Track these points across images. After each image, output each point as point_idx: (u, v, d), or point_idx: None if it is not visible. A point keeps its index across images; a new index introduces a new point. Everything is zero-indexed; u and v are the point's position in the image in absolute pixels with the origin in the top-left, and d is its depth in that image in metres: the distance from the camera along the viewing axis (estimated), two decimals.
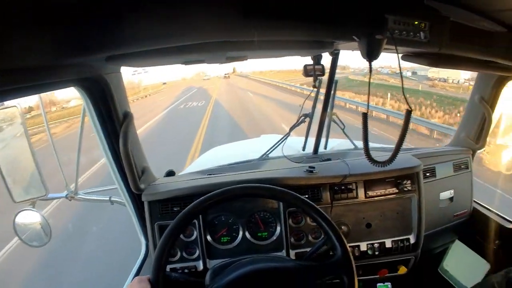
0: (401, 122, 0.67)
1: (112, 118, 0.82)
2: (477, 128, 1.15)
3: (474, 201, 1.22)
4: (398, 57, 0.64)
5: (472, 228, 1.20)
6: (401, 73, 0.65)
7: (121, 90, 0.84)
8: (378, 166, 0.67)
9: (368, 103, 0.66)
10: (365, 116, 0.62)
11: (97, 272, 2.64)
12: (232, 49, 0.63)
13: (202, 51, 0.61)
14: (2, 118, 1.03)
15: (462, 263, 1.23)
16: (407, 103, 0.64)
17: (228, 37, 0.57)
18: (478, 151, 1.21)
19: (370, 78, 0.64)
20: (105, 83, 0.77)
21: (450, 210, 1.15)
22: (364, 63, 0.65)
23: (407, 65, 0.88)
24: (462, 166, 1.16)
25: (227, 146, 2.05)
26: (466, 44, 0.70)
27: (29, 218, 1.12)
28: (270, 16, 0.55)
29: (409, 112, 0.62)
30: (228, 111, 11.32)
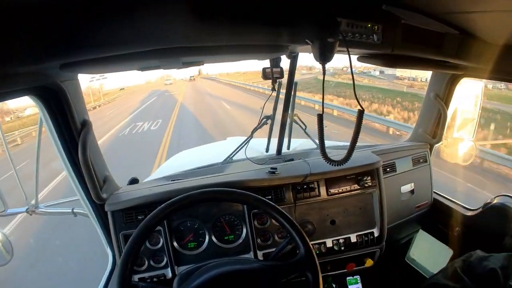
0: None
1: (70, 127, 0.80)
2: (433, 124, 1.22)
3: (435, 192, 1.29)
4: (350, 58, 0.66)
5: (434, 217, 1.27)
6: (352, 73, 0.67)
7: (78, 98, 0.83)
8: (334, 165, 0.69)
9: (323, 104, 0.68)
10: (320, 117, 0.65)
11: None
12: (187, 54, 0.64)
13: (157, 57, 0.61)
14: None
15: (427, 251, 1.30)
16: (359, 104, 0.66)
17: (182, 43, 0.57)
18: (436, 145, 1.28)
19: (324, 79, 0.66)
20: (61, 91, 0.75)
21: (411, 202, 1.21)
22: (331, 64, 0.67)
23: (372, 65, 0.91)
24: (421, 160, 1.23)
25: (193, 150, 2.04)
26: (418, 45, 0.73)
27: None
28: (225, 21, 0.56)
29: (361, 112, 0.65)
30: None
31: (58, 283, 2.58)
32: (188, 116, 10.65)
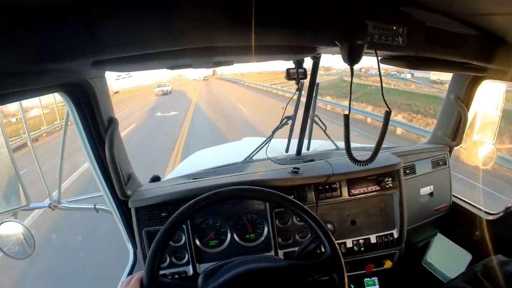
0: None
1: (97, 124, 0.82)
2: (453, 126, 1.22)
3: (453, 195, 1.28)
4: (378, 60, 0.68)
5: (453, 221, 1.27)
6: (380, 74, 0.69)
7: (105, 95, 0.85)
8: (360, 165, 0.70)
9: (350, 104, 0.69)
10: (346, 117, 0.66)
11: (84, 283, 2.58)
12: (219, 54, 0.65)
13: (189, 56, 0.63)
14: None
15: (445, 255, 1.29)
16: (386, 105, 0.67)
17: (215, 43, 0.59)
18: (455, 148, 1.27)
19: (351, 81, 0.67)
20: (90, 88, 0.77)
21: (430, 205, 1.21)
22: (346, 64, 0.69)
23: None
24: (440, 163, 1.23)
25: (210, 150, 2.06)
26: (441, 47, 0.74)
27: (11, 229, 1.10)
28: (256, 23, 0.57)
29: (388, 113, 0.66)
30: None
31: (79, 279, 2.64)
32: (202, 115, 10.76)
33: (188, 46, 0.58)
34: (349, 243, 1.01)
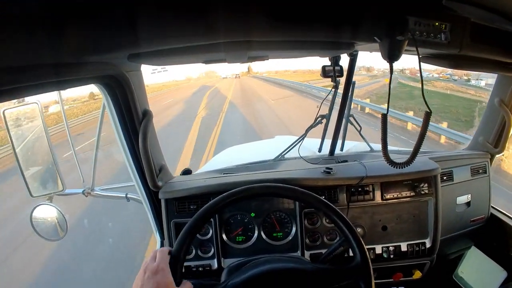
0: None
1: (132, 116, 0.85)
2: (496, 132, 1.15)
3: (492, 207, 1.22)
4: (419, 58, 0.65)
5: (489, 234, 1.20)
6: (421, 74, 0.66)
7: (141, 88, 0.88)
8: (397, 168, 0.68)
9: (388, 104, 0.67)
10: (384, 117, 0.64)
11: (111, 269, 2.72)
12: (254, 48, 0.65)
13: (224, 50, 0.63)
14: (23, 114, 1.08)
15: (478, 270, 1.23)
16: (427, 105, 0.64)
17: (251, 37, 0.59)
18: (497, 156, 1.21)
19: (390, 80, 0.65)
20: (126, 80, 0.80)
21: (466, 215, 1.16)
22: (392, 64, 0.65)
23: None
24: (480, 171, 1.17)
25: (241, 146, 2.09)
26: (487, 45, 0.70)
27: (46, 212, 1.17)
28: (293, 17, 0.57)
29: (428, 114, 0.63)
30: None
31: (105, 264, 2.80)
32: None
33: (223, 40, 0.58)
34: (378, 249, 0.99)
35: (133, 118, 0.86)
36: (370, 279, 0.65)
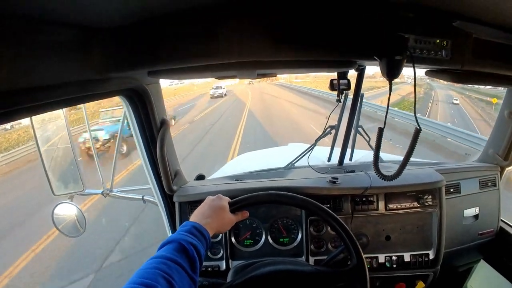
0: None
1: (151, 125, 0.96)
2: (506, 145, 1.18)
3: (502, 220, 1.24)
4: (415, 74, 0.67)
5: (499, 248, 1.22)
6: (415, 88, 0.67)
7: (159, 99, 0.98)
8: (384, 180, 0.73)
9: (385, 118, 0.72)
10: (381, 130, 0.69)
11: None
12: (262, 67, 0.73)
13: (235, 68, 0.72)
14: (48, 117, 1.21)
15: (488, 284, 1.25)
16: (417, 122, 0.69)
17: (258, 58, 0.67)
18: (507, 169, 1.23)
19: (389, 97, 0.70)
20: (146, 93, 0.90)
21: (474, 228, 1.19)
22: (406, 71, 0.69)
23: None
24: (489, 183, 1.20)
25: (255, 153, 2.20)
26: (490, 60, 0.72)
27: (66, 210, 1.30)
28: (298, 40, 0.64)
29: (418, 131, 0.67)
30: None
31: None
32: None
33: (234, 60, 0.66)
34: (381, 258, 1.04)
35: (151, 127, 0.96)
36: (365, 281, 0.72)
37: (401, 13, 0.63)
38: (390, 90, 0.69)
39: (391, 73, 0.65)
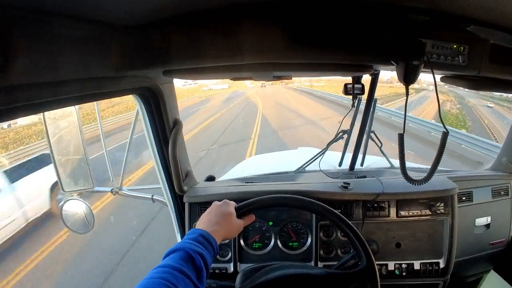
0: None
1: (164, 124, 0.97)
2: None
3: None
4: (435, 80, 0.69)
5: (510, 259, 1.21)
6: (437, 94, 0.69)
7: (172, 99, 0.99)
8: (414, 184, 0.73)
9: (404, 123, 0.73)
10: (401, 137, 0.69)
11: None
12: (278, 69, 0.73)
13: (251, 70, 0.72)
14: (61, 114, 1.23)
15: None
16: (443, 125, 0.70)
17: (274, 59, 0.67)
18: None
19: (406, 102, 0.71)
20: (159, 92, 0.91)
21: (486, 238, 1.18)
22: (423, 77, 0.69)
23: None
24: (502, 192, 1.19)
25: (265, 155, 2.21)
26: (508, 66, 0.71)
27: (75, 207, 1.32)
28: (315, 43, 0.65)
29: (445, 134, 0.67)
30: None
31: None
32: None
33: (250, 61, 0.67)
34: (391, 265, 1.04)
35: (164, 126, 0.97)
36: (376, 282, 0.72)
37: (418, 18, 0.63)
38: (407, 95, 0.69)
39: (408, 78, 0.65)
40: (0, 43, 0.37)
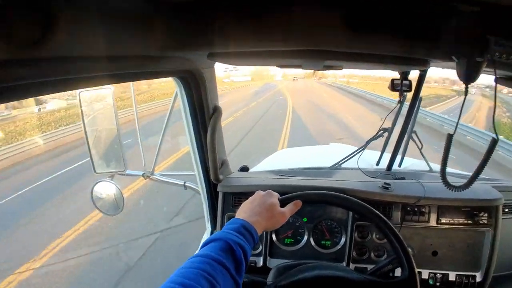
0: None
1: (203, 110, 0.96)
2: None
3: None
4: (496, 82, 0.65)
5: None
6: (495, 98, 0.63)
7: (213, 85, 0.98)
8: (452, 190, 0.69)
9: (457, 124, 0.68)
10: (450, 137, 0.65)
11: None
12: (330, 58, 0.69)
13: (301, 57, 0.68)
14: (96, 97, 1.25)
15: None
16: (495, 131, 0.64)
17: (327, 47, 0.62)
18: None
19: (464, 100, 0.66)
20: (201, 76, 0.90)
21: None
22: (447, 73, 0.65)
23: None
24: None
25: (296, 149, 2.20)
26: None
27: (106, 189, 1.34)
28: (370, 30, 0.60)
29: (494, 141, 0.62)
30: None
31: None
32: None
33: (300, 47, 0.63)
34: (425, 274, 1.01)
35: (203, 113, 0.96)
36: None
37: (482, 12, 0.58)
38: (466, 94, 0.64)
39: (469, 76, 0.61)
40: (42, 13, 0.36)
